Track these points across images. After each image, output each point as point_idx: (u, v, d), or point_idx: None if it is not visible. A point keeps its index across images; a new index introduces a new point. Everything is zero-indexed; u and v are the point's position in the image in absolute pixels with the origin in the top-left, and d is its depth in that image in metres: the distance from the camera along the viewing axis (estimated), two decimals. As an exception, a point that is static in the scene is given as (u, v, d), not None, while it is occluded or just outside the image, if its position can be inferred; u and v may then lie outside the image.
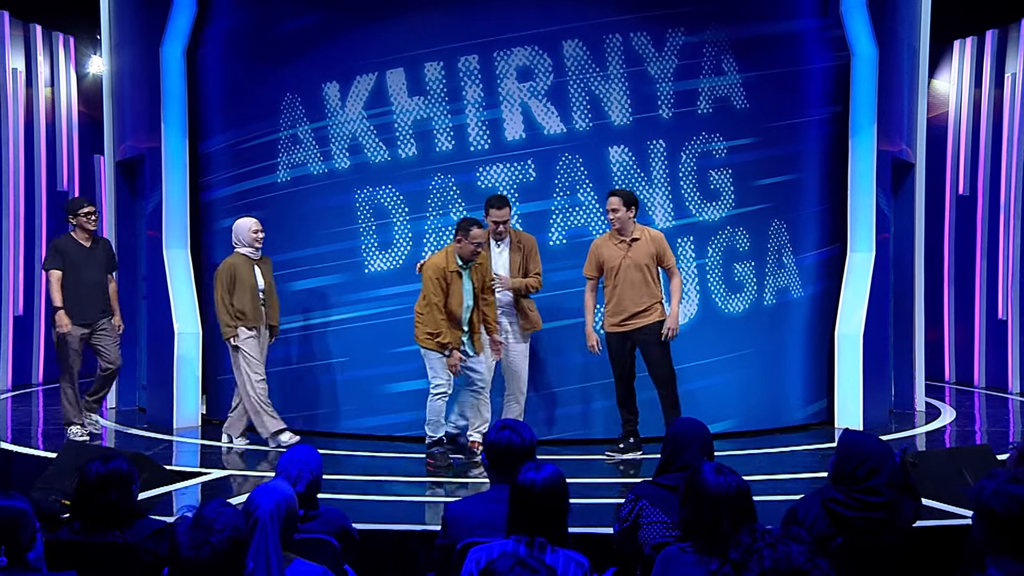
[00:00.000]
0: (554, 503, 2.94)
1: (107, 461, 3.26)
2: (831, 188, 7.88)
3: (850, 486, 3.13)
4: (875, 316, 7.82)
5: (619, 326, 6.46)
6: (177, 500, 5.42)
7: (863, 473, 3.12)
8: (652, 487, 3.44)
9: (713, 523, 2.73)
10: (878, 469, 3.12)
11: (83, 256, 6.97)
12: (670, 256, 6.53)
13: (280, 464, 3.44)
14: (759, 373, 7.55)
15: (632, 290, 6.41)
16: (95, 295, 7.00)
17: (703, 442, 3.51)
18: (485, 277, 6.35)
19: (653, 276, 6.46)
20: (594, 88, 7.20)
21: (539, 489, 2.91)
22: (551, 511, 2.93)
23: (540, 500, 2.90)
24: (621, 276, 6.44)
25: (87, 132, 11.12)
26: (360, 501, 5.43)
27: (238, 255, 6.70)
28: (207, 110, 7.96)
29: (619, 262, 6.45)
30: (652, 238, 6.49)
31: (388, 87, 7.30)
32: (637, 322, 6.44)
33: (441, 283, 6.16)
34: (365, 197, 7.34)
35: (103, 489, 3.19)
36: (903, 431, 7.69)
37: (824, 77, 7.79)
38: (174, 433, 7.50)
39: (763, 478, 5.94)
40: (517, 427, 3.42)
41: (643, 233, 6.50)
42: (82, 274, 6.94)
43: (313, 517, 3.41)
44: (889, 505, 3.12)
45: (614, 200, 6.46)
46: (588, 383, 7.13)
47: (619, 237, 6.49)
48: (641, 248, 6.45)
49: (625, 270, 6.43)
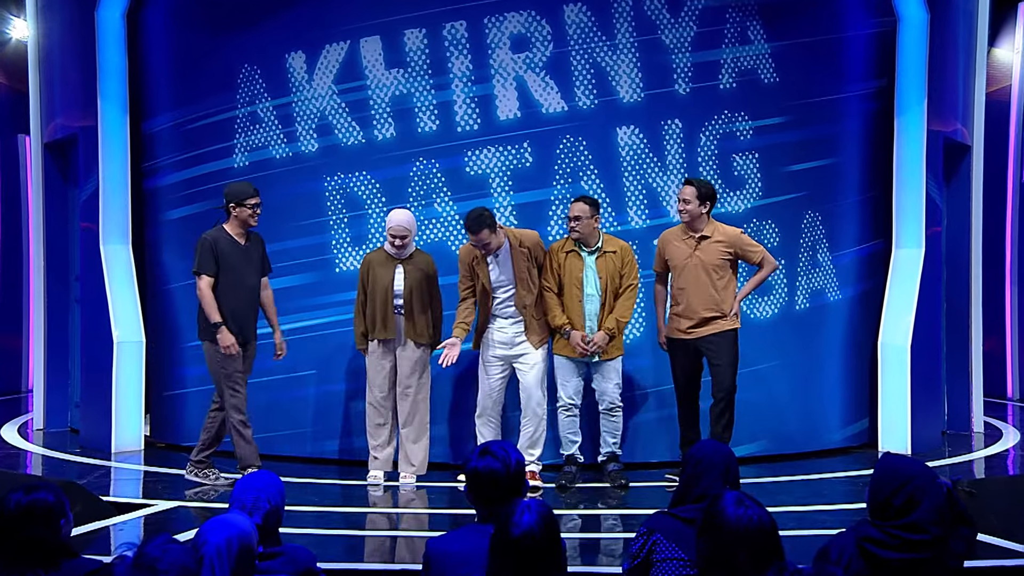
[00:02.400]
0: (540, 552, 2.93)
1: (31, 491, 3.23)
2: (873, 175, 7.91)
3: (888, 519, 3.13)
4: (925, 323, 7.86)
5: (684, 332, 6.59)
6: (115, 536, 5.43)
7: (901, 503, 3.11)
8: (667, 519, 3.46)
9: (733, 561, 2.76)
10: (919, 499, 3.09)
11: (239, 256, 6.55)
12: (754, 250, 6.61)
13: (234, 493, 3.45)
14: (790, 388, 7.59)
15: (698, 293, 6.52)
16: (252, 305, 6.63)
17: (725, 468, 3.52)
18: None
19: (721, 281, 6.54)
20: (600, 59, 7.23)
21: (520, 539, 2.90)
22: (537, 563, 2.93)
23: (523, 551, 2.90)
24: (687, 278, 6.57)
25: (9, 108, 11.12)
26: (329, 536, 5.45)
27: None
28: (151, 83, 7.97)
29: (684, 261, 6.57)
30: (727, 236, 6.57)
31: (362, 58, 7.32)
32: (705, 330, 6.55)
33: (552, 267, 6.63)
34: (336, 185, 7.36)
35: (25, 523, 3.17)
36: (958, 456, 7.72)
37: (866, 46, 7.83)
38: (112, 458, 7.51)
39: (794, 510, 5.97)
40: (499, 451, 3.42)
41: (716, 231, 6.58)
42: (239, 279, 6.52)
43: (274, 555, 3.42)
44: (936, 544, 3.12)
45: (688, 190, 6.56)
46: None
47: (688, 232, 6.59)
48: (712, 248, 6.55)
49: (691, 271, 6.55)
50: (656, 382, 7.22)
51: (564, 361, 6.67)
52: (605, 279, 6.55)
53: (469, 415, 6.85)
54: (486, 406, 6.67)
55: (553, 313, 6.57)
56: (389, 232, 6.57)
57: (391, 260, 6.62)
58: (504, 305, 6.61)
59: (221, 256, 6.49)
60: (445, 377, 7.10)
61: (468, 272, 6.62)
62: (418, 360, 6.62)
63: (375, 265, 6.63)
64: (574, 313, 6.55)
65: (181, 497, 6.38)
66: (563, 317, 6.55)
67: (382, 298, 6.57)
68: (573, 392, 6.68)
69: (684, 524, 3.37)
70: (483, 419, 6.68)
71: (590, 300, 6.56)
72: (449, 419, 7.23)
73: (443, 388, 7.14)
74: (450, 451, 7.22)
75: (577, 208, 6.54)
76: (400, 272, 6.59)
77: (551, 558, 2.96)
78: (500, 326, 6.63)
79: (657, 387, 7.22)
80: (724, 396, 6.54)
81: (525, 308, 6.56)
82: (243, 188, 6.57)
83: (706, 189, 6.58)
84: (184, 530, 5.30)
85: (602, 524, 6.01)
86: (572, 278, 6.56)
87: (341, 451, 7.37)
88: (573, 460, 6.76)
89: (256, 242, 6.69)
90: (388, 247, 6.63)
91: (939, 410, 8.37)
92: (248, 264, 6.59)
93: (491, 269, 6.57)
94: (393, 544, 5.68)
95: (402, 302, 6.57)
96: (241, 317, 6.54)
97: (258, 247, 6.68)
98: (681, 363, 6.68)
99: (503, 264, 6.58)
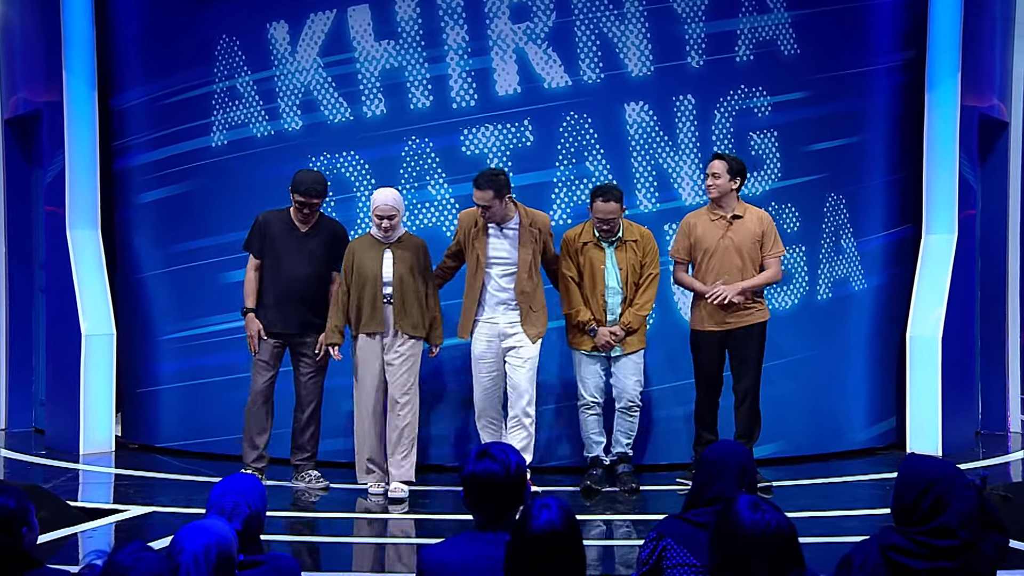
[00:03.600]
0: (560, 550, 2.96)
1: (-10, 495, 3.26)
2: (902, 154, 7.91)
3: (914, 525, 3.14)
4: (957, 314, 7.86)
5: (714, 324, 6.55)
6: (84, 544, 5.45)
7: (928, 505, 3.12)
8: (679, 523, 3.48)
9: (748, 570, 2.77)
10: (947, 501, 3.10)
11: (290, 243, 6.59)
12: (776, 244, 6.62)
13: (211, 497, 3.45)
14: (811, 385, 7.60)
15: (731, 279, 6.50)
16: (298, 297, 6.61)
17: (741, 470, 3.54)
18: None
19: (757, 264, 6.56)
20: (606, 30, 7.22)
21: (539, 538, 2.92)
22: (557, 560, 2.95)
23: (543, 548, 2.92)
24: (717, 261, 6.54)
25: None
26: (314, 544, 5.46)
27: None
28: (122, 55, 7.96)
29: (716, 243, 6.54)
30: (760, 219, 6.60)
31: (350, 28, 7.31)
32: (737, 320, 6.54)
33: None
34: (322, 166, 7.35)
35: (-15, 531, 3.19)
36: (993, 457, 7.75)
37: (894, 14, 7.83)
38: (80, 460, 7.52)
39: (816, 515, 5.99)
40: (499, 453, 3.44)
41: (749, 211, 6.59)
42: (280, 266, 6.59)
43: (256, 564, 3.43)
44: (966, 550, 3.13)
45: (717, 164, 6.55)
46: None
47: (718, 212, 6.57)
48: (745, 228, 6.55)
49: (723, 253, 6.53)
50: (660, 380, 7.22)
51: (583, 356, 6.63)
52: (626, 271, 6.53)
53: (471, 412, 6.81)
54: (484, 407, 6.59)
55: (577, 308, 6.54)
56: (375, 213, 6.47)
57: (378, 245, 6.50)
58: (498, 289, 6.48)
59: (268, 239, 6.58)
60: (445, 372, 7.11)
61: (462, 238, 6.53)
62: (409, 357, 6.47)
63: (359, 252, 6.50)
64: (595, 309, 6.54)
65: (155, 501, 6.40)
66: (588, 312, 6.52)
67: (371, 288, 6.44)
68: (594, 389, 6.64)
69: (696, 528, 3.39)
70: (483, 421, 6.61)
71: (612, 295, 6.54)
72: (449, 418, 7.23)
73: (442, 384, 7.16)
74: (452, 452, 7.24)
75: (610, 209, 6.42)
76: (389, 257, 6.47)
77: (571, 556, 2.97)
78: (489, 316, 6.50)
79: (659, 385, 7.23)
80: (750, 396, 6.55)
81: (523, 294, 6.47)
82: (300, 178, 6.55)
83: (737, 164, 6.58)
84: (159, 537, 5.32)
85: (615, 530, 6.03)
86: (591, 271, 6.54)
87: (328, 452, 7.37)
88: (599, 462, 6.73)
89: (326, 232, 6.66)
90: (374, 231, 6.53)
91: (972, 408, 8.37)
92: (300, 253, 6.57)
93: (490, 241, 6.46)
94: (383, 552, 5.70)
95: (391, 291, 6.45)
96: (281, 308, 6.57)
97: (325, 237, 6.64)
98: (707, 358, 6.63)
99: (510, 241, 6.48)
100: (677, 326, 7.12)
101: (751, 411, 6.59)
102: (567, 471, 7.07)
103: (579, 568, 3.00)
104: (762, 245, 6.59)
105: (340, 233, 6.76)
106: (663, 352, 7.19)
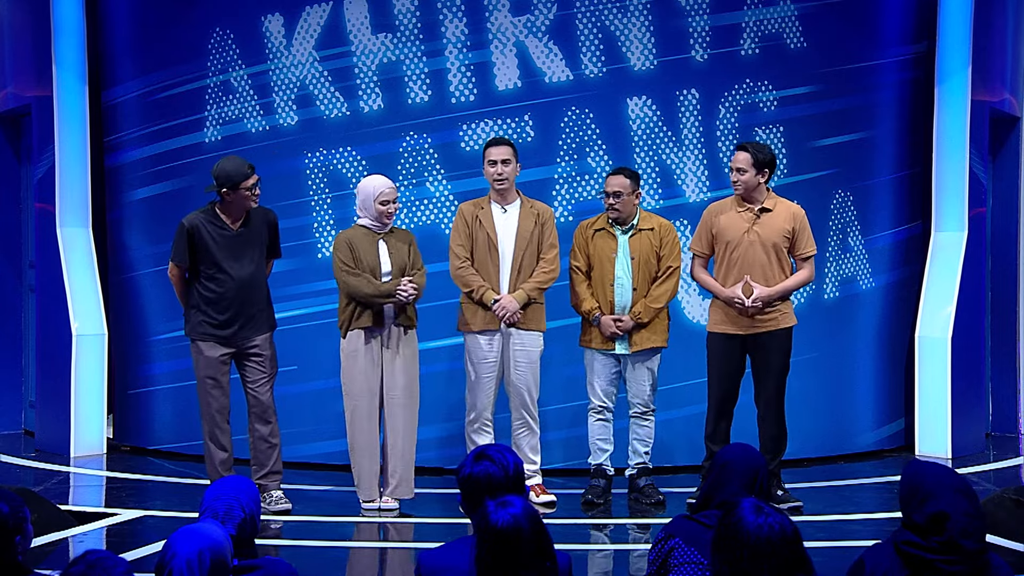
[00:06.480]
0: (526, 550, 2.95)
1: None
2: (911, 150, 7.91)
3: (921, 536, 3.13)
4: (967, 313, 7.87)
5: (736, 326, 6.21)
6: (75, 549, 5.45)
7: (923, 521, 3.07)
8: (687, 523, 3.48)
9: (752, 575, 2.77)
10: (945, 515, 3.09)
11: (227, 245, 6.17)
12: (808, 243, 6.29)
13: (204, 500, 3.45)
14: (818, 386, 7.59)
15: (755, 277, 6.13)
16: (245, 300, 6.24)
17: (752, 475, 3.53)
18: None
19: (784, 263, 6.24)
20: (609, 23, 7.22)
21: (501, 534, 2.92)
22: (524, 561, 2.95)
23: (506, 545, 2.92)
24: (740, 255, 6.17)
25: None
26: (312, 549, 5.47)
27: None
28: (113, 49, 7.97)
29: (740, 236, 6.20)
30: (792, 213, 6.27)
31: (346, 20, 7.31)
32: (760, 325, 6.19)
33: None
34: (318, 162, 7.36)
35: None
36: (1004, 460, 7.76)
37: (903, 6, 7.83)
38: (71, 463, 7.53)
39: (823, 519, 5.99)
40: (496, 455, 3.44)
41: (779, 204, 6.29)
42: (222, 271, 6.17)
43: (251, 569, 3.43)
44: (975, 557, 3.12)
45: (742, 157, 6.20)
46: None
47: (744, 204, 6.25)
48: (773, 222, 6.20)
49: (748, 248, 6.17)
50: (666, 380, 7.21)
51: (594, 356, 6.44)
52: (638, 260, 6.34)
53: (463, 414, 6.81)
54: (480, 409, 6.43)
55: (581, 298, 6.39)
56: (379, 199, 6.23)
57: (372, 235, 6.33)
58: (507, 269, 6.40)
59: (200, 247, 6.16)
60: (438, 372, 7.11)
61: (467, 229, 6.39)
62: (411, 347, 6.34)
63: (356, 244, 6.30)
64: (602, 301, 6.37)
65: (147, 505, 6.40)
66: (592, 301, 6.35)
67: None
68: (603, 392, 6.46)
69: (706, 529, 3.39)
70: (476, 425, 6.45)
71: (620, 285, 6.35)
72: (442, 420, 7.23)
73: (435, 384, 7.15)
74: (442, 454, 7.24)
75: (616, 183, 6.30)
76: (384, 248, 6.35)
77: (537, 552, 2.97)
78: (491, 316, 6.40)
79: (667, 385, 7.22)
80: (773, 407, 6.23)
81: (526, 270, 6.39)
82: (236, 168, 6.13)
83: (763, 155, 6.19)
84: (151, 541, 5.33)
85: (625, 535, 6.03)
86: (601, 261, 6.38)
87: (323, 455, 7.38)
88: (602, 472, 6.53)
89: (259, 222, 6.30)
90: (369, 221, 6.33)
91: (983, 410, 8.37)
92: (240, 254, 6.21)
93: (496, 220, 6.40)
94: (381, 557, 5.70)
95: (389, 280, 6.27)
96: (230, 318, 6.21)
97: (261, 228, 6.31)
98: (726, 365, 6.26)
99: (509, 217, 6.40)
100: (681, 326, 7.10)
101: (776, 424, 6.24)
102: (571, 473, 7.07)
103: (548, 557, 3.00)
104: (794, 243, 6.23)
105: (272, 219, 6.43)
106: (671, 352, 7.17)
